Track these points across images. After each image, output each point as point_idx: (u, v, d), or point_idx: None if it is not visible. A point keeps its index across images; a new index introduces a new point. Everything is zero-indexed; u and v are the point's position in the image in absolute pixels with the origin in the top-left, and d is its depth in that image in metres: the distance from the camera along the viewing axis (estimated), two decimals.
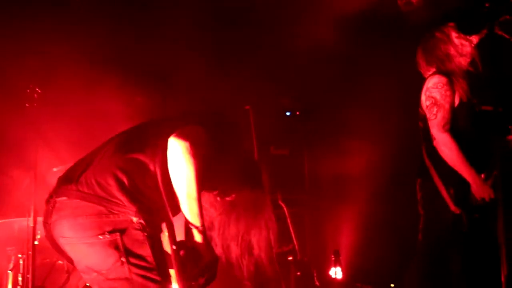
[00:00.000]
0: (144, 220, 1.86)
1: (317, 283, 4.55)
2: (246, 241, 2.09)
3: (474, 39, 3.08)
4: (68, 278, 3.63)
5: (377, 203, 4.91)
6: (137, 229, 1.85)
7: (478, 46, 3.08)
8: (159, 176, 1.92)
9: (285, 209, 4.52)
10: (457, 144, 2.97)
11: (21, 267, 3.56)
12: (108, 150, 2.01)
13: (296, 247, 4.46)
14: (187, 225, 2.02)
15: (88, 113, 4.20)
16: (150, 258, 1.85)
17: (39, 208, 3.44)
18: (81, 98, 4.20)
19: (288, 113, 5.46)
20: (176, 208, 1.97)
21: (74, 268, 3.60)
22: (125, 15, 4.54)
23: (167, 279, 1.90)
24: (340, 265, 4.89)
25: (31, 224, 3.42)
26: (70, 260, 1.98)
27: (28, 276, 3.36)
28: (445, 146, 2.99)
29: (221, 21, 4.72)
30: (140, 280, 1.84)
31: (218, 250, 2.07)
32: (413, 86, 3.27)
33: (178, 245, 1.93)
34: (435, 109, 3.02)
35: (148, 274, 1.85)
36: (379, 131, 4.70)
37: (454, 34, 3.12)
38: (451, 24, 3.15)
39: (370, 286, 4.79)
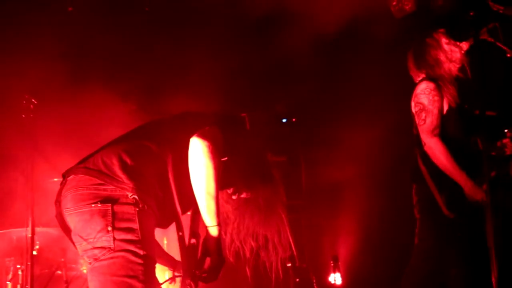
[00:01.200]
0: (138, 196, 1.92)
1: None
2: (262, 236, 2.17)
3: (464, 45, 3.12)
4: None
5: (374, 208, 4.92)
6: (129, 204, 1.92)
7: (468, 53, 3.12)
8: (170, 169, 2.00)
9: (283, 215, 4.52)
10: (447, 148, 3.00)
11: (19, 278, 3.57)
12: (118, 138, 2.14)
13: (295, 253, 4.45)
14: (195, 223, 2.09)
15: (85, 123, 4.22)
16: (137, 231, 1.91)
17: (37, 218, 3.46)
18: (78, 109, 4.22)
19: (284, 120, 5.49)
20: (184, 206, 2.04)
21: (73, 278, 3.66)
22: (122, 27, 4.58)
23: (150, 254, 1.94)
24: (339, 271, 4.90)
25: (29, 235, 3.43)
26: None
27: (27, 286, 3.36)
28: (435, 150, 3.02)
29: (215, 27, 4.75)
30: (122, 251, 1.88)
31: (235, 245, 2.16)
32: (408, 91, 3.30)
33: (191, 235, 2.02)
34: (423, 115, 3.06)
35: (132, 247, 1.89)
36: (376, 137, 4.72)
37: (444, 40, 3.16)
38: (442, 30, 3.19)
39: None
